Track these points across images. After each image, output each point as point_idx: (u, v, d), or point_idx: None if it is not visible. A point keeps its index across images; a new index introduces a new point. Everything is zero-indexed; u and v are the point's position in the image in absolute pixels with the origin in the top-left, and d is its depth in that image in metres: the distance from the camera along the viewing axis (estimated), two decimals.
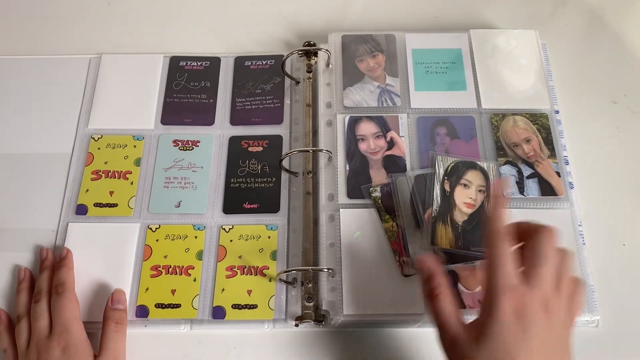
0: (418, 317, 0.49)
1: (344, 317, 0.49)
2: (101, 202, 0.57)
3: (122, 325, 0.50)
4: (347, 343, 0.52)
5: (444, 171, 0.54)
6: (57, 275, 0.51)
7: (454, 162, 0.54)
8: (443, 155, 0.55)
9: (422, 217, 0.52)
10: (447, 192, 0.53)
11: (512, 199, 0.54)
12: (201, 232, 0.56)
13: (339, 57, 0.62)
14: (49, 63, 0.65)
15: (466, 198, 0.53)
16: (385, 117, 0.58)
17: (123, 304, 0.51)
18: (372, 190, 0.53)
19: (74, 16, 0.70)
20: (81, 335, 0.48)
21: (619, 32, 0.68)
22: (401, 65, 0.61)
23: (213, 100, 0.63)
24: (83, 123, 0.61)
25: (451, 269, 0.50)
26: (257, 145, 0.60)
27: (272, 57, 0.65)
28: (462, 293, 0.50)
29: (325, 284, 0.51)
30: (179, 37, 0.68)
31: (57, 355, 0.46)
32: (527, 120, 0.58)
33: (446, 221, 0.52)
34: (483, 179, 0.54)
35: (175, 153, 0.60)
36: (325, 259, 0.52)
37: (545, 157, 0.56)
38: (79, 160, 0.59)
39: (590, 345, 0.51)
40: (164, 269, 0.54)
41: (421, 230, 0.52)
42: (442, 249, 0.51)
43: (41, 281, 0.52)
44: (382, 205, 0.53)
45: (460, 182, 0.54)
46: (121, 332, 0.49)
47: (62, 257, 0.53)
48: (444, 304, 0.42)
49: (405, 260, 0.51)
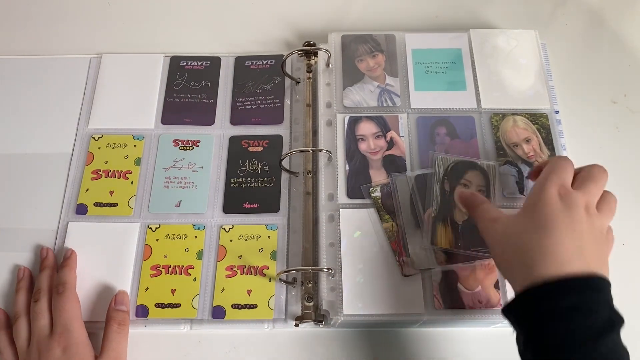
0: (418, 317, 0.49)
1: (343, 317, 0.49)
2: (101, 202, 0.57)
3: (125, 327, 0.50)
4: (347, 343, 0.52)
5: (444, 171, 0.54)
6: (59, 275, 0.51)
7: (454, 162, 0.54)
8: (443, 155, 0.55)
9: (422, 217, 0.52)
10: (447, 192, 0.53)
11: (511, 199, 0.54)
12: (201, 231, 0.56)
13: (339, 57, 0.62)
14: (49, 63, 0.65)
15: None
16: (385, 117, 0.58)
17: (126, 305, 0.51)
18: (372, 190, 0.53)
19: (74, 16, 0.70)
20: (82, 336, 0.48)
21: (619, 32, 0.68)
22: (401, 65, 0.61)
23: (213, 100, 0.63)
24: (83, 123, 0.61)
25: (451, 268, 0.50)
26: (257, 145, 0.60)
27: (272, 57, 0.65)
28: (462, 293, 0.50)
29: (325, 284, 0.51)
30: (179, 37, 0.68)
31: (58, 356, 0.46)
32: (527, 120, 0.58)
33: (446, 221, 0.52)
34: (483, 179, 0.54)
35: (176, 153, 0.60)
36: (325, 259, 0.52)
37: (545, 157, 0.56)
38: (79, 160, 0.59)
39: None
40: (163, 269, 0.54)
41: (421, 230, 0.52)
42: (442, 249, 0.51)
43: (41, 280, 0.52)
44: (381, 205, 0.53)
45: (460, 182, 0.53)
46: (123, 334, 0.49)
47: (66, 257, 0.53)
48: (489, 206, 0.47)
49: (405, 260, 0.51)
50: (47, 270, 0.53)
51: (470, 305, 0.49)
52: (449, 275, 0.51)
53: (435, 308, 0.49)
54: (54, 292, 0.50)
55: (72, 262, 0.53)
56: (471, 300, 0.50)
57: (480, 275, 0.50)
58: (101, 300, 0.52)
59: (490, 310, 0.49)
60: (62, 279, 0.51)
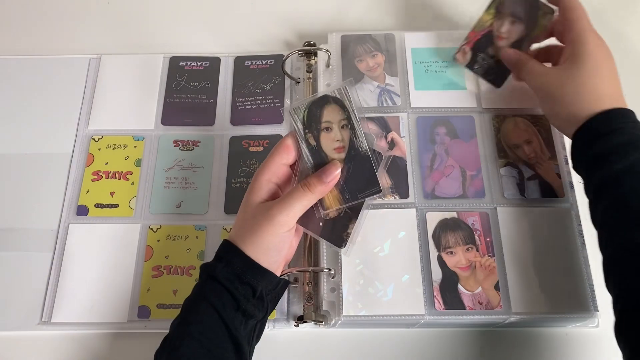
0: (418, 317, 0.49)
1: (343, 318, 0.49)
2: (102, 203, 0.57)
3: (309, 190, 0.45)
4: (347, 343, 0.53)
5: (302, 125, 0.47)
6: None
7: (306, 108, 0.47)
8: (294, 106, 0.48)
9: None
10: (314, 145, 0.47)
11: (512, 199, 0.54)
12: (202, 232, 0.56)
13: (339, 57, 0.62)
14: (49, 63, 0.65)
15: (333, 142, 0.47)
16: (386, 118, 0.58)
17: (327, 178, 0.46)
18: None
19: (74, 16, 0.70)
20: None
21: (619, 32, 0.68)
22: (401, 64, 0.61)
23: (213, 100, 0.63)
24: (83, 124, 0.61)
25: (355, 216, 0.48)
26: (257, 145, 0.60)
27: (272, 57, 0.65)
28: (463, 294, 0.50)
29: (325, 285, 0.51)
30: (179, 37, 0.68)
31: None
32: (528, 122, 0.58)
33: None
34: (340, 110, 0.47)
35: (176, 153, 0.60)
36: (325, 259, 0.52)
37: (546, 159, 0.56)
38: (79, 161, 0.59)
39: (590, 345, 0.52)
40: (165, 270, 0.54)
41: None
42: (336, 210, 0.48)
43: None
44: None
45: (321, 127, 0.47)
46: (305, 196, 0.45)
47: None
48: (534, 62, 0.53)
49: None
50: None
51: (471, 307, 0.50)
52: (450, 276, 0.51)
53: (435, 309, 0.50)
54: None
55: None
56: (472, 302, 0.50)
57: (481, 277, 0.51)
58: (102, 301, 0.53)
59: (490, 312, 0.49)
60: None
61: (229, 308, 0.42)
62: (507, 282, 0.50)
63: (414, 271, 0.51)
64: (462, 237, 0.52)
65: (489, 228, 0.53)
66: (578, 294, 0.50)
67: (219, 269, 0.43)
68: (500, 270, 0.51)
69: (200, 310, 0.42)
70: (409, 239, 0.52)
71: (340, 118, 0.47)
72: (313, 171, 0.47)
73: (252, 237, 0.44)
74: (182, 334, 0.42)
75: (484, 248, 0.52)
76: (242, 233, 0.45)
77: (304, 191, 0.45)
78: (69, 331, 0.53)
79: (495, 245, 0.52)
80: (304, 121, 0.48)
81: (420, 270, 0.51)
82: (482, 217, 0.53)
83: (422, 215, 0.53)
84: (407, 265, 0.51)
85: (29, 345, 0.53)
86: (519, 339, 0.53)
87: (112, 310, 0.53)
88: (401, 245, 0.52)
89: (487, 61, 0.58)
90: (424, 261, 0.51)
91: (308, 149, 0.47)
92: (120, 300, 0.53)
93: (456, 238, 0.52)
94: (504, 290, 0.50)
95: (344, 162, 0.47)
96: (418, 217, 0.53)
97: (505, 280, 0.51)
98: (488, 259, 0.51)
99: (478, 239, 0.52)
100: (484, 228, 0.53)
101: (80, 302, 0.53)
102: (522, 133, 0.57)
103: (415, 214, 0.53)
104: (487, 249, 0.52)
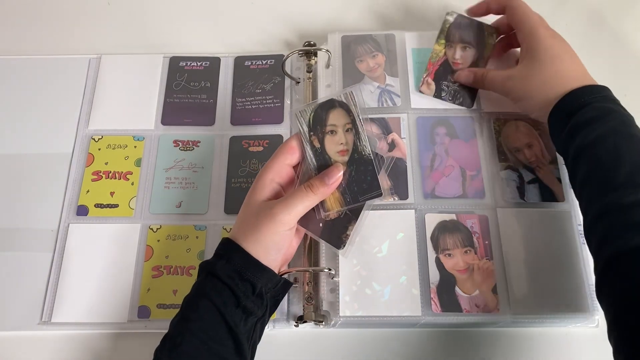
0: (417, 318, 0.50)
1: (343, 318, 0.49)
2: (102, 203, 0.57)
3: (311, 191, 0.46)
4: (347, 343, 0.53)
5: (307, 126, 0.49)
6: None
7: (313, 110, 0.49)
8: (301, 108, 0.49)
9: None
10: (318, 148, 0.49)
11: (511, 201, 0.54)
12: (202, 232, 0.56)
13: (339, 57, 0.61)
14: (49, 63, 0.65)
15: (337, 145, 0.49)
16: (386, 119, 0.58)
17: (330, 180, 0.47)
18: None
19: (74, 16, 0.70)
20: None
21: (619, 32, 0.67)
22: (401, 65, 0.61)
23: (213, 100, 0.63)
24: (83, 124, 0.61)
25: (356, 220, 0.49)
26: (257, 145, 0.60)
27: (272, 57, 0.65)
28: (460, 297, 0.50)
29: (325, 285, 0.51)
30: (179, 37, 0.68)
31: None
32: (529, 126, 0.58)
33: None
34: (346, 114, 0.49)
35: (176, 153, 0.60)
36: (325, 260, 0.52)
37: (547, 163, 0.56)
38: (79, 161, 0.59)
39: (590, 345, 0.52)
40: (165, 270, 0.54)
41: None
42: (337, 212, 0.48)
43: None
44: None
45: (326, 130, 0.49)
46: (308, 197, 0.46)
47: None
48: (493, 71, 0.56)
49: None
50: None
51: (468, 309, 0.50)
52: (447, 278, 0.51)
53: (432, 311, 0.50)
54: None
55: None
56: (468, 304, 0.50)
57: (479, 280, 0.51)
58: (102, 301, 0.53)
59: (487, 315, 0.49)
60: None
61: (229, 305, 0.43)
62: (506, 284, 0.51)
63: (411, 273, 0.51)
64: (461, 240, 0.52)
65: (487, 231, 0.53)
66: (577, 295, 0.50)
67: (219, 266, 0.44)
68: (499, 273, 0.51)
69: (200, 307, 0.43)
70: (408, 240, 0.52)
71: (345, 122, 0.49)
72: (316, 173, 0.48)
73: (253, 234, 0.45)
74: (182, 330, 0.43)
75: (482, 251, 0.52)
76: (244, 230, 0.45)
77: (307, 192, 0.46)
78: (69, 331, 0.53)
79: (494, 248, 0.52)
80: (310, 124, 0.49)
81: (418, 272, 0.51)
82: (481, 219, 0.53)
83: (421, 216, 0.53)
84: (405, 267, 0.51)
85: (29, 345, 0.53)
86: (518, 339, 0.53)
87: (112, 310, 0.53)
88: (399, 247, 0.52)
89: (451, 87, 0.59)
90: (421, 263, 0.51)
91: (312, 151, 0.48)
92: (120, 300, 0.53)
93: (454, 240, 0.52)
94: (503, 292, 0.50)
95: (347, 165, 0.48)
96: (417, 218, 0.53)
97: (504, 283, 0.51)
98: (486, 262, 0.51)
99: (476, 242, 0.52)
100: (483, 231, 0.53)
101: (80, 302, 0.53)
102: (523, 136, 0.57)
103: (414, 215, 0.53)
104: (485, 251, 0.52)
